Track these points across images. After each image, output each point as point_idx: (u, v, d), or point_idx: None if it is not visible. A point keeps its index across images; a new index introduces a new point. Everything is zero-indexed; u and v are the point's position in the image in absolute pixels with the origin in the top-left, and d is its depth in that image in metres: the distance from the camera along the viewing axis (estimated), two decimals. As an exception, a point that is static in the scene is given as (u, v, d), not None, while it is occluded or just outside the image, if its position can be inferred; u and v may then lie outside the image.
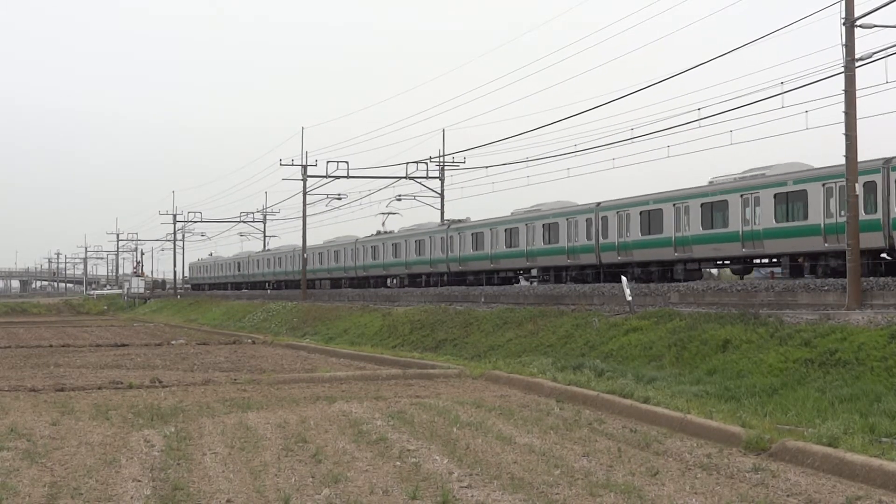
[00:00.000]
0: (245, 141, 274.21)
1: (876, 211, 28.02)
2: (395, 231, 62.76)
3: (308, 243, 68.35)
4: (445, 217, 59.97)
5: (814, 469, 11.43)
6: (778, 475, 11.13)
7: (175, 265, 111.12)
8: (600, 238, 39.99)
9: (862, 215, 27.16)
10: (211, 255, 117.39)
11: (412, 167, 61.22)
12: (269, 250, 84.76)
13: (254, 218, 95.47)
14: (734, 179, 34.57)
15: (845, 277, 26.42)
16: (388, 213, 67.83)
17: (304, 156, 62.94)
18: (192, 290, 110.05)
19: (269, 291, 79.11)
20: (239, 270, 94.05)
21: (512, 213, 48.11)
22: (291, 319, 51.77)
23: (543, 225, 43.75)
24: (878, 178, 28.09)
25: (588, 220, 40.79)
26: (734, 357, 19.92)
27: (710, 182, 36.16)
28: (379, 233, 63.35)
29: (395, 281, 62.06)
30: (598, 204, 40.73)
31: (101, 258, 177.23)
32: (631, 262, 38.35)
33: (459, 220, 53.61)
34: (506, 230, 46.69)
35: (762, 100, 27.71)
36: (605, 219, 39.70)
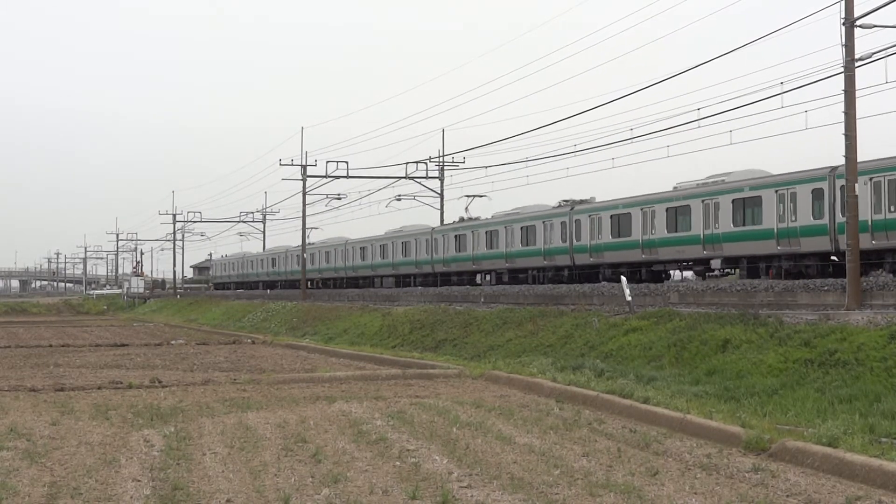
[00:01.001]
0: (245, 141, 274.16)
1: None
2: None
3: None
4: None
5: (813, 469, 11.43)
6: (778, 475, 11.14)
7: (175, 265, 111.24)
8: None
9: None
10: (226, 253, 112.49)
11: (412, 167, 61.25)
12: (312, 244, 74.68)
13: (253, 218, 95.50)
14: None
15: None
16: (475, 196, 58.20)
17: (304, 156, 62.99)
18: (217, 290, 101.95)
19: (314, 290, 70.65)
20: (273, 267, 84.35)
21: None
22: (291, 319, 51.77)
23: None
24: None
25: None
26: (734, 357, 19.92)
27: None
28: (462, 219, 54.78)
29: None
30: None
31: (101, 258, 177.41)
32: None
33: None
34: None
35: (762, 100, 27.73)
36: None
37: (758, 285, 27.66)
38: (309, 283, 72.54)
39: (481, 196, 56.47)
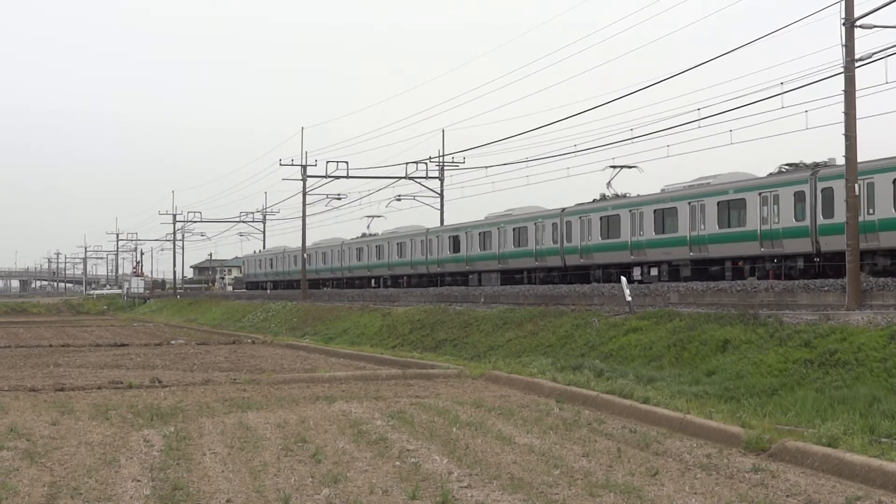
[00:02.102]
0: (245, 141, 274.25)
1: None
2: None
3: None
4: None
5: (813, 469, 11.43)
6: (777, 475, 11.14)
7: (175, 265, 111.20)
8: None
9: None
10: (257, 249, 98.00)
11: (412, 167, 61.24)
12: (374, 235, 65.91)
13: (253, 218, 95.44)
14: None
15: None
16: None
17: (304, 156, 62.94)
18: (248, 290, 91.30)
19: (378, 289, 60.17)
20: (325, 263, 73.08)
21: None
22: (291, 319, 51.76)
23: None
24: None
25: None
26: (734, 357, 19.91)
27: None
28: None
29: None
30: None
31: (101, 258, 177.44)
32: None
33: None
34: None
35: (762, 100, 27.73)
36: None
37: (758, 285, 27.65)
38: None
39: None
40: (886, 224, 27.65)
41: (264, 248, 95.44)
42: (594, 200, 42.92)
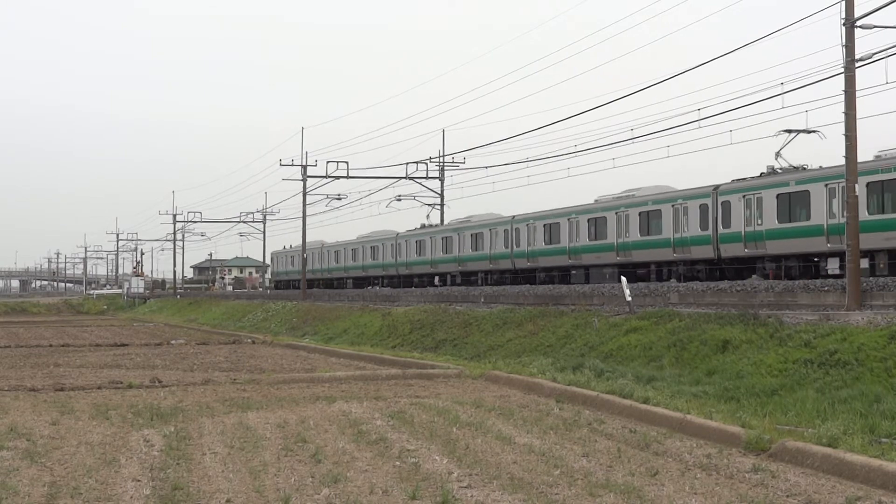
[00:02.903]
0: (245, 141, 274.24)
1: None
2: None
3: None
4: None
5: (813, 469, 11.43)
6: (778, 475, 11.14)
7: (175, 265, 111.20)
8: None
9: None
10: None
11: (412, 167, 61.27)
12: (434, 227, 58.41)
13: (254, 218, 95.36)
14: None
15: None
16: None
17: (304, 156, 62.94)
18: (277, 290, 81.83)
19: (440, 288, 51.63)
20: (374, 258, 64.26)
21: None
22: (291, 319, 51.76)
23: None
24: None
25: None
26: (734, 357, 19.91)
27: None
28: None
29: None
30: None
31: (101, 258, 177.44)
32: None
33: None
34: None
35: (762, 100, 27.72)
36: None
37: (758, 286, 27.66)
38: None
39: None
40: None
41: (266, 248, 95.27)
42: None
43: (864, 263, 29.06)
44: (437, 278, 55.13)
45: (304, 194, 64.13)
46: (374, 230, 67.84)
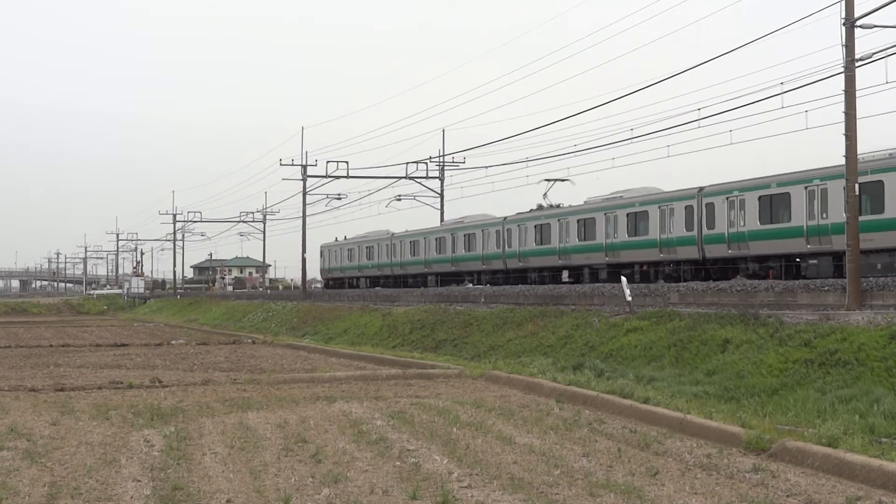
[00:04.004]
0: (245, 141, 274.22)
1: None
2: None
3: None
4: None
5: (814, 469, 11.44)
6: (778, 475, 11.14)
7: (175, 265, 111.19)
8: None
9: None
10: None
11: (412, 167, 61.26)
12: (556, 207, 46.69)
13: (254, 218, 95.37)
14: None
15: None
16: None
17: (304, 156, 62.92)
18: (329, 289, 70.08)
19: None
20: (454, 252, 52.95)
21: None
22: (291, 319, 51.76)
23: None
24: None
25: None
26: (734, 357, 19.91)
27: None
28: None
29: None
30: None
31: (101, 258, 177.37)
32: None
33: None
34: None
35: (762, 100, 27.70)
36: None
37: (758, 285, 27.65)
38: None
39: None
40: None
41: (266, 248, 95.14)
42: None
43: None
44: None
45: (304, 194, 64.14)
46: (466, 214, 55.86)
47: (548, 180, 46.67)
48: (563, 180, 46.29)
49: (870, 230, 27.29)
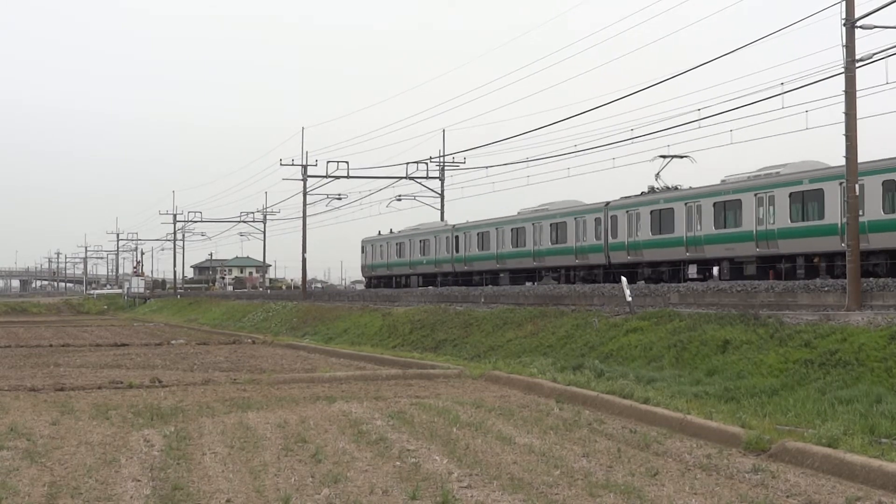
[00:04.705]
0: (245, 141, 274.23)
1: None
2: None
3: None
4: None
5: (813, 470, 11.43)
6: (778, 476, 11.14)
7: (175, 265, 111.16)
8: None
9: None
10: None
11: (412, 167, 61.28)
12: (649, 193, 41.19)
13: (254, 218, 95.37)
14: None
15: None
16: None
17: (305, 156, 62.95)
18: (372, 289, 62.53)
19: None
20: (538, 244, 45.85)
21: (518, 213, 51.71)
22: (291, 319, 51.75)
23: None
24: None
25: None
26: (734, 358, 19.91)
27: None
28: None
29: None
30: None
31: (101, 258, 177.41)
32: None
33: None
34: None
35: (762, 100, 27.73)
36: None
37: (758, 286, 27.66)
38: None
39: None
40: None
41: (266, 248, 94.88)
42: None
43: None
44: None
45: (305, 194, 64.15)
46: (550, 200, 48.79)
47: (663, 157, 39.66)
48: (681, 157, 40.03)
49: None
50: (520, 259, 47.53)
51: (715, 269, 35.74)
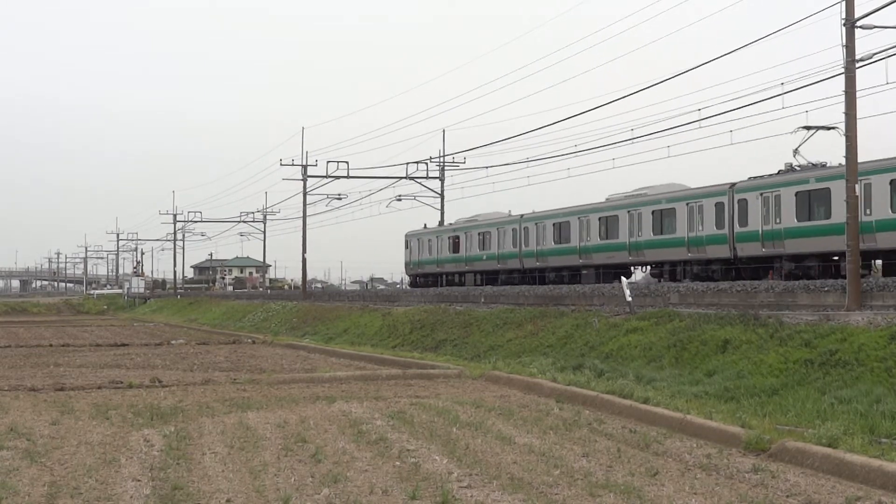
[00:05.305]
0: (245, 141, 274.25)
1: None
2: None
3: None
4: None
5: (813, 470, 11.44)
6: (777, 476, 11.14)
7: (175, 265, 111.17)
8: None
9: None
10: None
11: (412, 167, 61.26)
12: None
13: (254, 218, 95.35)
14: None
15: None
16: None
17: (305, 156, 62.94)
18: (415, 287, 58.12)
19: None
20: (636, 234, 39.31)
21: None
22: (291, 319, 51.76)
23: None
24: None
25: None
26: (734, 358, 19.91)
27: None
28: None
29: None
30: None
31: (101, 258, 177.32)
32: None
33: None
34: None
35: (762, 100, 27.73)
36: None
37: (758, 286, 27.66)
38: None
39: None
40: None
41: (266, 248, 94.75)
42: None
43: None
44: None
45: (305, 194, 64.16)
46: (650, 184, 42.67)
47: (807, 128, 33.29)
48: (828, 128, 33.31)
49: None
50: (611, 253, 40.69)
51: None
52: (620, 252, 39.87)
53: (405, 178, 62.03)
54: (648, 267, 40.70)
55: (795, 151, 33.75)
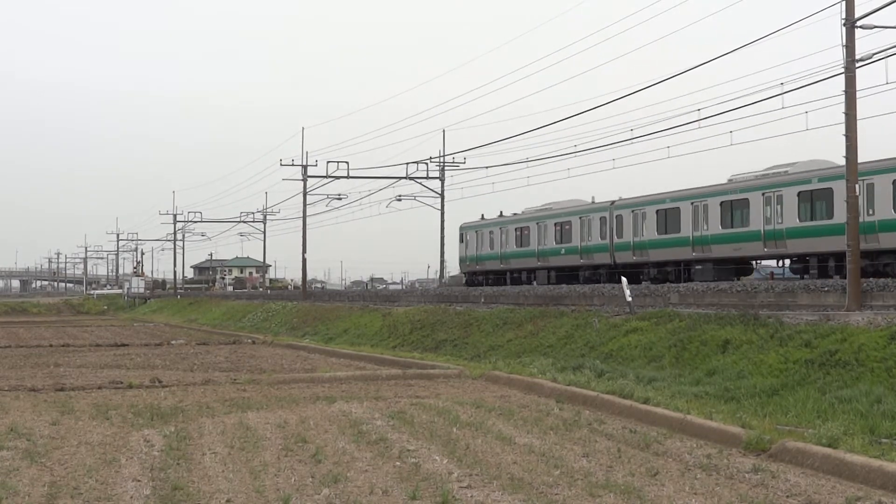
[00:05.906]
0: (245, 141, 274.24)
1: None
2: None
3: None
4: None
5: (814, 470, 11.43)
6: (778, 476, 11.14)
7: (175, 265, 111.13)
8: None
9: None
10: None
11: (412, 167, 61.24)
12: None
13: (254, 218, 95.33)
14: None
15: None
16: None
17: (305, 156, 62.94)
18: (468, 286, 52.43)
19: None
20: (774, 223, 33.91)
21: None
22: (291, 319, 51.75)
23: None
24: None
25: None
26: (734, 358, 19.91)
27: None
28: None
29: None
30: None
31: (102, 258, 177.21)
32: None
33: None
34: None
35: (762, 100, 27.72)
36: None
37: (758, 286, 27.65)
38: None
39: None
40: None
41: (267, 248, 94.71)
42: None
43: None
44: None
45: (305, 194, 64.16)
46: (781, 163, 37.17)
47: None
48: None
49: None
50: (735, 245, 35.51)
51: None
52: (747, 243, 35.36)
53: (405, 178, 62.02)
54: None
55: None
